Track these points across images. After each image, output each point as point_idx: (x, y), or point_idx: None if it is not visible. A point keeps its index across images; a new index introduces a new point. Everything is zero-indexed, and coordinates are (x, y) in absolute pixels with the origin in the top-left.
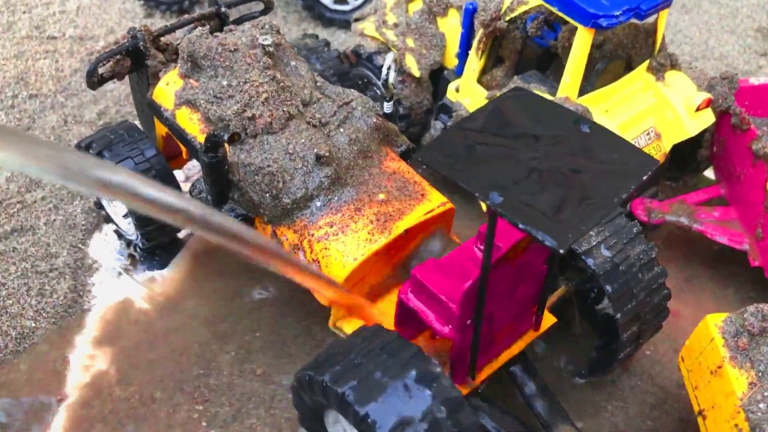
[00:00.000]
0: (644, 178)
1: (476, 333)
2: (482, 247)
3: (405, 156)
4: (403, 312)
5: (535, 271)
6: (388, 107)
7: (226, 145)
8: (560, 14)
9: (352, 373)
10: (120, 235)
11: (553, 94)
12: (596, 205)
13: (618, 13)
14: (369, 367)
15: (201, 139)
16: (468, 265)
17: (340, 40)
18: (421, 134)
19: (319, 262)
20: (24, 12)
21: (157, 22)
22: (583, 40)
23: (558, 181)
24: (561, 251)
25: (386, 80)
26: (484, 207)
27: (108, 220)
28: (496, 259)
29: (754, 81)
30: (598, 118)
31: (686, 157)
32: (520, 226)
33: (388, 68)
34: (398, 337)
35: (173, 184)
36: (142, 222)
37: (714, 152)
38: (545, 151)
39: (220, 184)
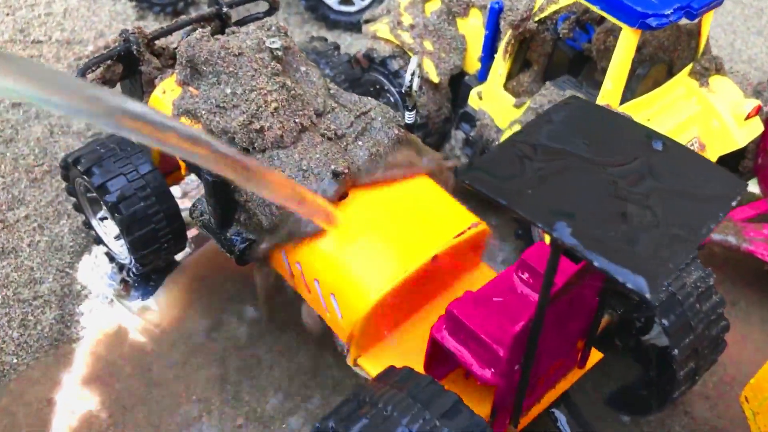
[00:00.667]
0: (734, 204)
1: (524, 380)
2: (525, 277)
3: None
4: (435, 351)
5: (586, 305)
6: (410, 117)
7: None
8: (603, 13)
9: (382, 428)
10: (112, 258)
11: (592, 101)
12: (681, 238)
13: (668, 12)
14: (402, 420)
15: None
16: (511, 300)
17: (346, 44)
18: (439, 144)
19: (335, 294)
20: (7, 14)
21: (150, 25)
22: (628, 42)
23: (631, 207)
24: (648, 296)
25: (410, 87)
26: (547, 239)
27: (98, 241)
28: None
29: None
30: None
31: (728, 167)
32: (598, 265)
33: (412, 74)
34: (432, 383)
35: (170, 202)
36: (136, 245)
37: (759, 163)
38: (613, 171)
39: (224, 206)
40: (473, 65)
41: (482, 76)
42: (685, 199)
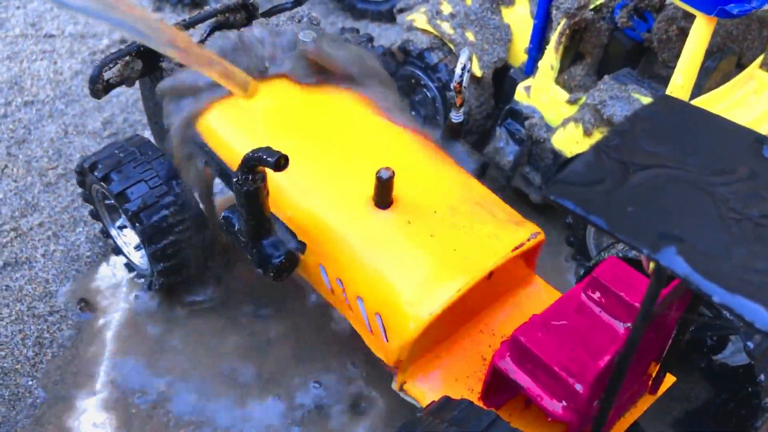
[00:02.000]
0: None
1: (602, 417)
2: (596, 297)
3: (480, 174)
4: (495, 380)
5: (665, 328)
6: (457, 116)
7: (267, 170)
8: (676, 1)
9: None
10: (131, 269)
11: (656, 96)
12: None
13: None
14: None
15: (235, 161)
16: (583, 325)
17: (374, 34)
18: (480, 143)
19: (380, 314)
20: (18, 7)
21: (168, 17)
22: (702, 31)
23: (746, 227)
24: None
25: (460, 81)
26: (650, 266)
27: (117, 251)
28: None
29: None
30: None
31: None
32: (718, 300)
33: (463, 68)
34: (497, 421)
35: (195, 210)
36: (158, 256)
37: None
38: (721, 185)
39: (258, 218)
40: (519, 57)
41: (529, 69)
42: None
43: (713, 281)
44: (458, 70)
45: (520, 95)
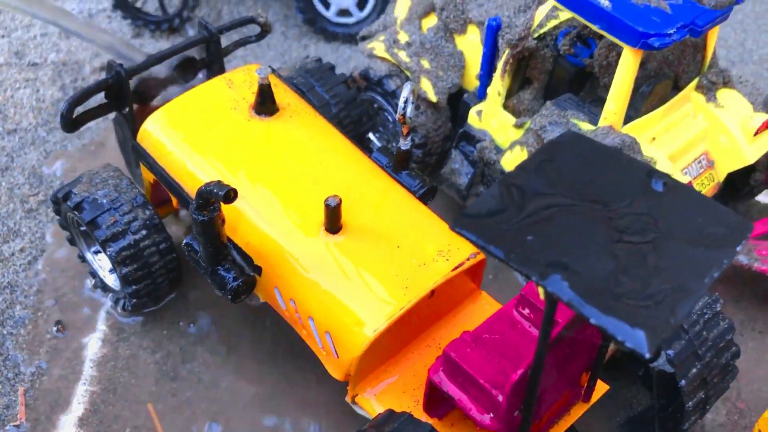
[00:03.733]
0: (738, 248)
1: (525, 425)
2: (525, 313)
3: (424, 198)
4: (434, 393)
5: (589, 339)
6: (405, 144)
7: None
8: (604, 33)
9: None
10: (107, 290)
11: (594, 121)
12: (684, 289)
13: (671, 31)
14: None
15: (194, 191)
16: (511, 338)
17: (345, 56)
18: (439, 164)
19: (330, 332)
20: (2, 36)
21: (147, 43)
22: (630, 62)
23: (631, 255)
24: (647, 355)
25: (403, 114)
26: (541, 293)
27: (94, 275)
28: (551, 338)
29: None
30: (646, 147)
31: (738, 181)
32: (595, 321)
33: (405, 101)
34: None
35: (163, 235)
36: (128, 280)
37: None
38: (612, 215)
39: (215, 244)
40: (473, 82)
41: (481, 94)
42: (688, 245)
43: (593, 305)
44: (401, 103)
45: (472, 119)
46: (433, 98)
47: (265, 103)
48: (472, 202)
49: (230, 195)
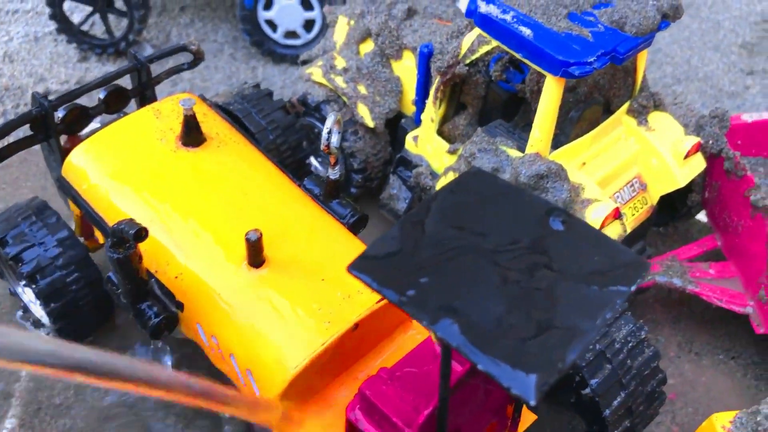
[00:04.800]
0: (633, 289)
1: None
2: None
3: (355, 227)
4: (352, 430)
5: None
6: (333, 173)
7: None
8: (526, 62)
9: None
10: (39, 324)
11: (523, 147)
12: (574, 331)
13: (592, 60)
14: None
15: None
16: (430, 372)
17: (293, 77)
18: (380, 188)
19: (251, 370)
20: None
21: (93, 66)
22: (552, 90)
23: (524, 297)
24: (532, 403)
25: (328, 144)
26: (434, 338)
27: (25, 309)
28: (457, 379)
29: (747, 117)
30: (575, 174)
31: (675, 201)
32: (482, 368)
33: (329, 131)
34: None
35: (91, 269)
36: (55, 315)
37: (706, 197)
38: (508, 255)
39: (134, 281)
40: (410, 107)
41: (418, 119)
42: (582, 285)
43: (480, 350)
44: (324, 134)
45: (409, 144)
46: (371, 124)
47: (191, 134)
48: (372, 243)
49: (141, 234)
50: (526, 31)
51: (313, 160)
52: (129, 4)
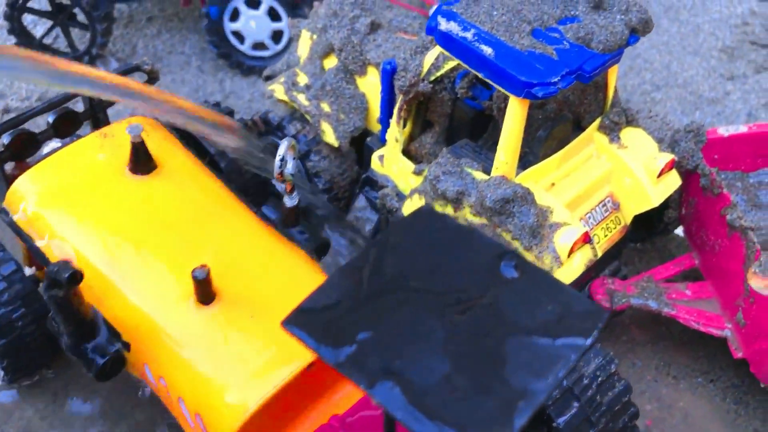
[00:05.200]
0: (589, 342)
1: None
2: None
3: (317, 254)
4: None
5: None
6: (290, 200)
7: None
8: (490, 82)
9: None
10: None
11: (489, 169)
12: (525, 392)
13: (556, 80)
14: None
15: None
16: (381, 418)
17: (262, 90)
18: (347, 209)
19: (200, 415)
20: None
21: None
22: (516, 111)
23: (471, 354)
24: None
25: (281, 172)
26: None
27: None
28: None
29: (723, 131)
30: (543, 196)
31: (653, 217)
32: None
33: (282, 159)
34: None
35: (38, 303)
36: (1, 353)
37: (684, 213)
38: (456, 308)
39: (75, 322)
40: (377, 124)
41: (383, 138)
42: (535, 339)
43: (422, 417)
44: (277, 161)
45: (375, 164)
46: (335, 143)
47: (140, 162)
48: (310, 295)
49: (75, 278)
50: (488, 50)
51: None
52: (90, 18)
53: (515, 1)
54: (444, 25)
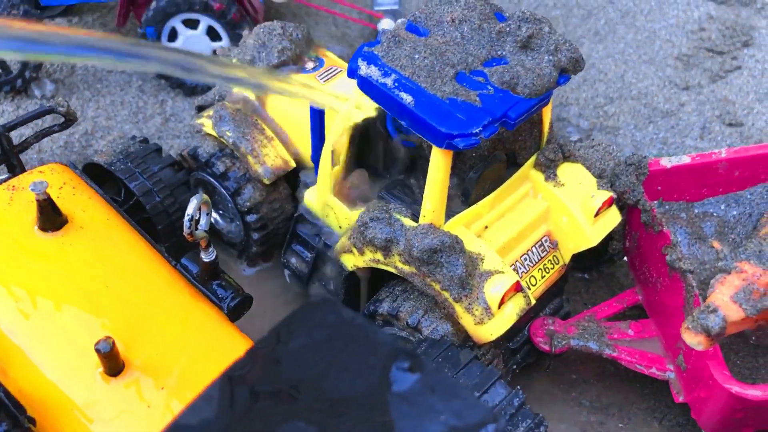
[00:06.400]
0: None
1: None
2: None
3: (237, 311)
4: None
5: None
6: (208, 256)
7: None
8: (412, 131)
9: None
10: None
11: (418, 216)
12: None
13: (478, 130)
14: None
15: None
16: None
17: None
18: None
19: None
20: None
21: None
22: (439, 160)
23: None
24: None
25: (190, 232)
26: None
27: None
28: None
29: (666, 163)
30: (474, 243)
31: (597, 248)
32: None
33: (190, 218)
34: None
35: None
36: None
37: (627, 246)
38: (345, 420)
39: None
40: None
41: (316, 175)
42: None
43: None
44: (186, 220)
45: (308, 202)
46: (265, 180)
47: (47, 219)
48: (185, 408)
49: None
50: (407, 98)
51: (215, 215)
52: None
53: (439, 42)
54: (364, 69)
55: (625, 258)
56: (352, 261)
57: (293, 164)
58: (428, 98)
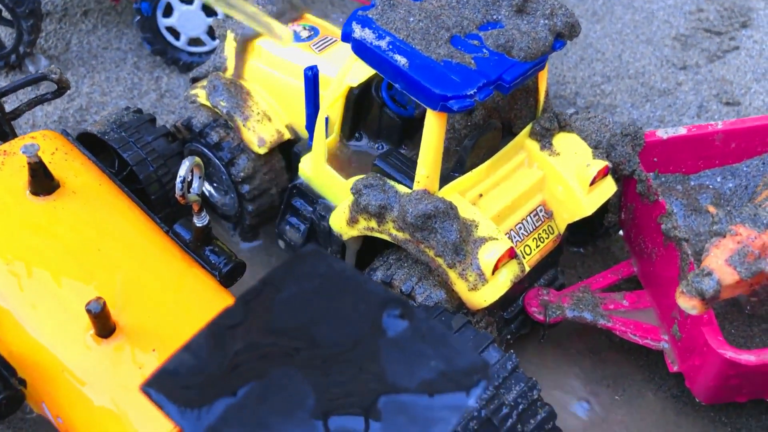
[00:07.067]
0: (471, 403)
1: None
2: None
3: (230, 277)
4: None
5: None
6: (200, 220)
7: None
8: (406, 93)
9: None
10: None
11: (412, 184)
12: None
13: (472, 92)
14: None
15: None
16: None
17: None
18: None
19: None
20: None
21: None
22: (434, 124)
23: (345, 422)
24: None
25: (182, 194)
26: None
27: None
28: None
29: (662, 134)
30: (468, 209)
31: (593, 221)
32: None
33: (182, 180)
34: None
35: None
36: None
37: (623, 218)
38: (334, 367)
39: None
40: (305, 130)
41: (311, 145)
42: (412, 400)
43: None
44: (177, 182)
45: (302, 172)
46: (258, 150)
47: (39, 182)
48: (174, 354)
49: None
50: (402, 60)
51: (208, 186)
52: (14, 14)
53: (434, 6)
54: (358, 32)
55: (621, 231)
56: (347, 231)
57: (288, 135)
58: (423, 60)
